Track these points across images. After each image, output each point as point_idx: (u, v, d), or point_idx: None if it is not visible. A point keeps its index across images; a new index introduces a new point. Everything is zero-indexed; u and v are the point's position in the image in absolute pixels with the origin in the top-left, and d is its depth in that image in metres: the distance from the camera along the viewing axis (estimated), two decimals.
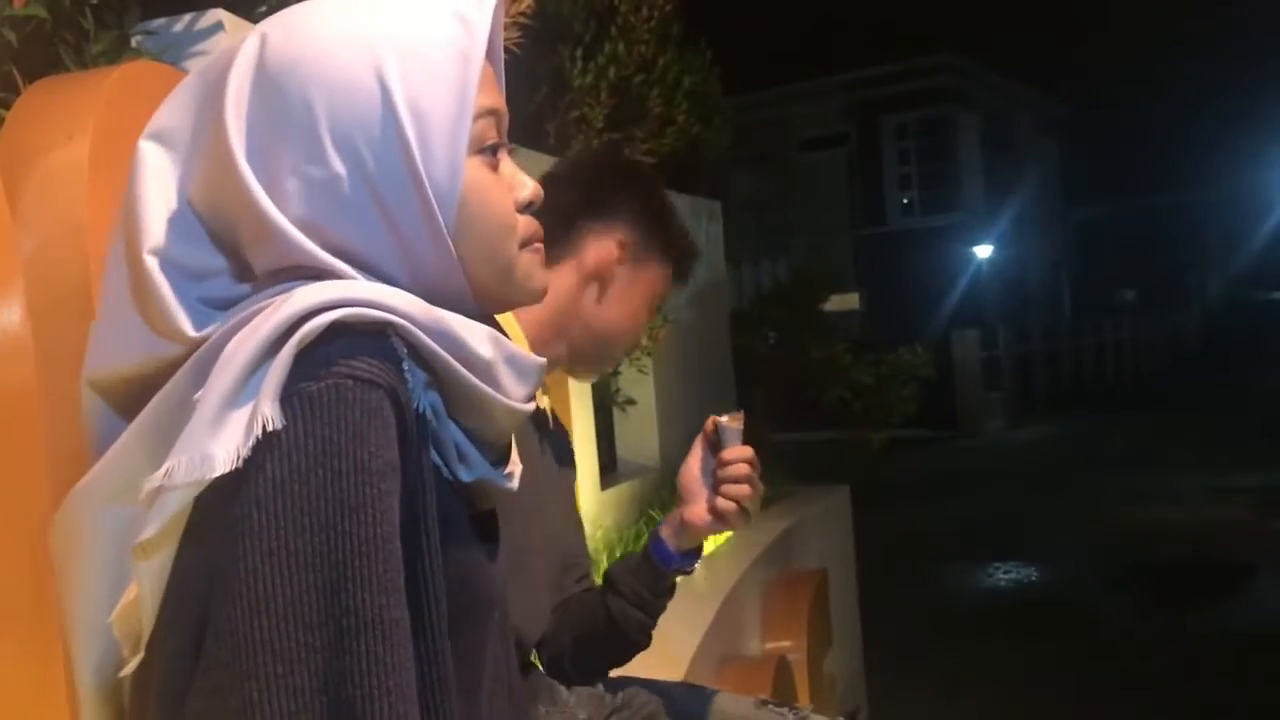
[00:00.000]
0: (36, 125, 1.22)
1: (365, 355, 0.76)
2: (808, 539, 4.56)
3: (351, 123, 0.82)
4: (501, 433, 0.91)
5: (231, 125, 0.83)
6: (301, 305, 0.77)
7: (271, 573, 0.71)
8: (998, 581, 7.50)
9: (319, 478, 0.72)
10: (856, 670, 4.91)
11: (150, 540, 0.78)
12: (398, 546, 0.75)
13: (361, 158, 0.82)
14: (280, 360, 0.75)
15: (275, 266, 0.84)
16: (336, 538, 0.72)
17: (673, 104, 4.78)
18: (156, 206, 0.86)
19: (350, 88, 0.82)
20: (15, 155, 1.20)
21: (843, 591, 4.80)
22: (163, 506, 0.77)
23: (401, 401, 0.77)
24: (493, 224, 0.88)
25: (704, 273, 5.51)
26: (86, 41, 1.70)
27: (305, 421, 0.73)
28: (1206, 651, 5.56)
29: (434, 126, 0.83)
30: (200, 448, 0.75)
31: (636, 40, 4.47)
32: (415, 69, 0.83)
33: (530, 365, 0.90)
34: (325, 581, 0.71)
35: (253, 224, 0.83)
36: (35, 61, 1.64)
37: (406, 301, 0.81)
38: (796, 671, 3.37)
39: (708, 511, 1.56)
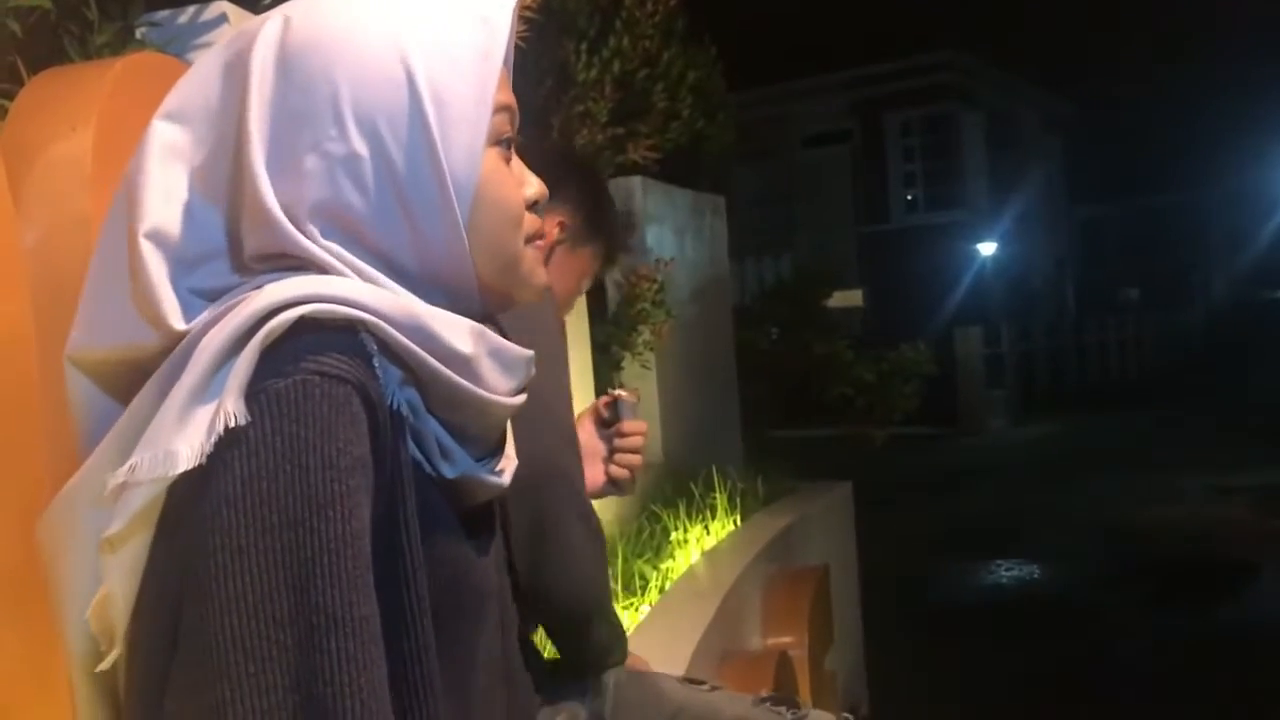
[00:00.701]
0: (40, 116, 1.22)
1: (333, 351, 0.76)
2: (809, 536, 4.57)
3: (374, 104, 0.82)
4: (487, 427, 0.90)
5: (254, 100, 0.82)
6: (269, 301, 0.76)
7: (241, 570, 0.71)
8: (999, 579, 7.50)
9: (286, 474, 0.72)
10: (858, 667, 4.91)
11: (116, 535, 0.78)
12: (366, 544, 0.74)
13: (383, 139, 0.82)
14: (245, 356, 0.74)
15: (262, 252, 0.83)
16: (305, 534, 0.71)
17: (677, 99, 4.78)
18: (159, 186, 0.85)
19: (375, 70, 0.82)
20: (18, 146, 1.20)
21: (844, 588, 4.80)
22: (127, 502, 0.77)
23: (372, 397, 0.77)
24: (504, 216, 0.88)
25: (706, 267, 5.52)
26: (90, 33, 1.70)
27: (272, 418, 0.73)
28: (1208, 650, 5.56)
29: (455, 115, 0.83)
30: (164, 444, 0.74)
31: (641, 35, 4.48)
32: (439, 59, 0.83)
33: (516, 358, 0.89)
34: (294, 578, 0.71)
35: (250, 203, 0.83)
36: (39, 53, 1.64)
37: (378, 297, 0.80)
38: (798, 668, 3.37)
39: (603, 475, 1.69)
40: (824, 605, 3.93)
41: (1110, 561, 7.63)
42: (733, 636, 3.21)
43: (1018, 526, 8.91)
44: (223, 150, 0.85)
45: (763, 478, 4.77)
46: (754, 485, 4.68)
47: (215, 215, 0.85)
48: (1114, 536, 8.33)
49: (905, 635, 5.79)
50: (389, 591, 0.78)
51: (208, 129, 0.86)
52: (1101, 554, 7.88)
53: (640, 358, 4.30)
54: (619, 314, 4.26)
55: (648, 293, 4.23)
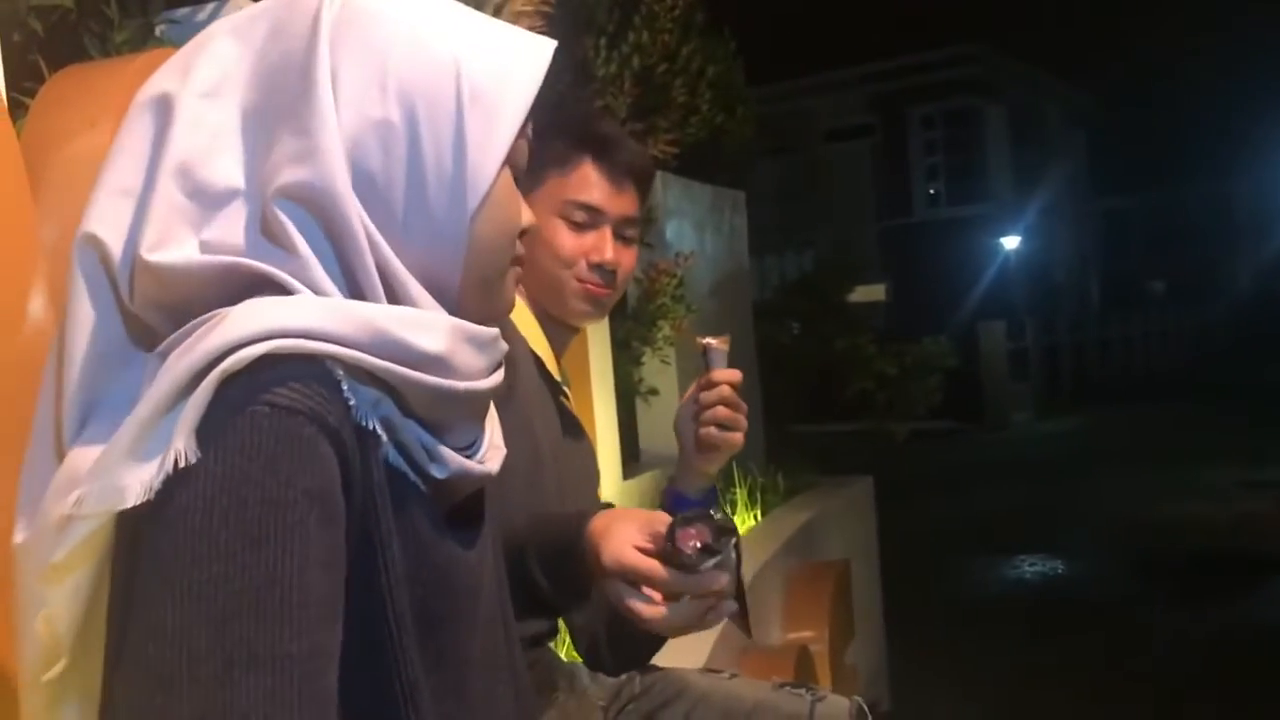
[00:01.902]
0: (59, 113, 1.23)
1: (290, 382, 0.75)
2: (830, 530, 4.56)
3: (417, 80, 0.84)
4: (468, 416, 0.90)
5: (323, 51, 0.83)
6: (233, 335, 0.75)
7: (164, 599, 0.70)
8: (1023, 574, 7.47)
9: (222, 506, 0.71)
10: (879, 662, 4.90)
11: (59, 564, 0.78)
12: (315, 576, 0.73)
13: (417, 118, 0.83)
14: (200, 393, 0.73)
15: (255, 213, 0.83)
16: (234, 568, 0.70)
17: (696, 94, 4.78)
18: (190, 121, 0.84)
19: (425, 52, 0.85)
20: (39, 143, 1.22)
21: (865, 583, 4.80)
22: (71, 532, 0.77)
23: (332, 425, 0.76)
24: (502, 230, 0.90)
25: (727, 263, 5.52)
26: (111, 30, 1.71)
27: (216, 451, 0.72)
28: (1236, 646, 5.52)
29: (487, 119, 0.85)
30: (114, 477, 0.74)
31: (660, 30, 4.47)
32: (486, 65, 0.86)
33: (487, 336, 0.90)
34: (216, 612, 0.70)
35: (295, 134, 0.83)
36: (60, 50, 1.66)
37: (343, 319, 0.79)
38: (818, 662, 3.37)
39: (696, 445, 1.58)
40: (845, 600, 3.93)
41: (1136, 556, 7.58)
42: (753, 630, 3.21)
43: (1041, 521, 8.86)
44: (277, 95, 0.84)
45: (783, 473, 4.77)
46: (774, 480, 4.68)
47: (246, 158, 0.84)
48: (1140, 531, 8.28)
49: (927, 630, 5.78)
50: (368, 610, 0.79)
51: (246, 86, 0.85)
52: (1127, 549, 7.83)
53: (660, 353, 4.30)
54: (639, 309, 4.26)
55: (667, 288, 4.23)
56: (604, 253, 1.60)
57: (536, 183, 1.59)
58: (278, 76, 0.84)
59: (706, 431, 1.56)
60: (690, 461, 1.61)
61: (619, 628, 1.54)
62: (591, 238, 1.60)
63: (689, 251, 4.60)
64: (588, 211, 1.60)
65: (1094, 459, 12.15)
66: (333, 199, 0.81)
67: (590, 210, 1.60)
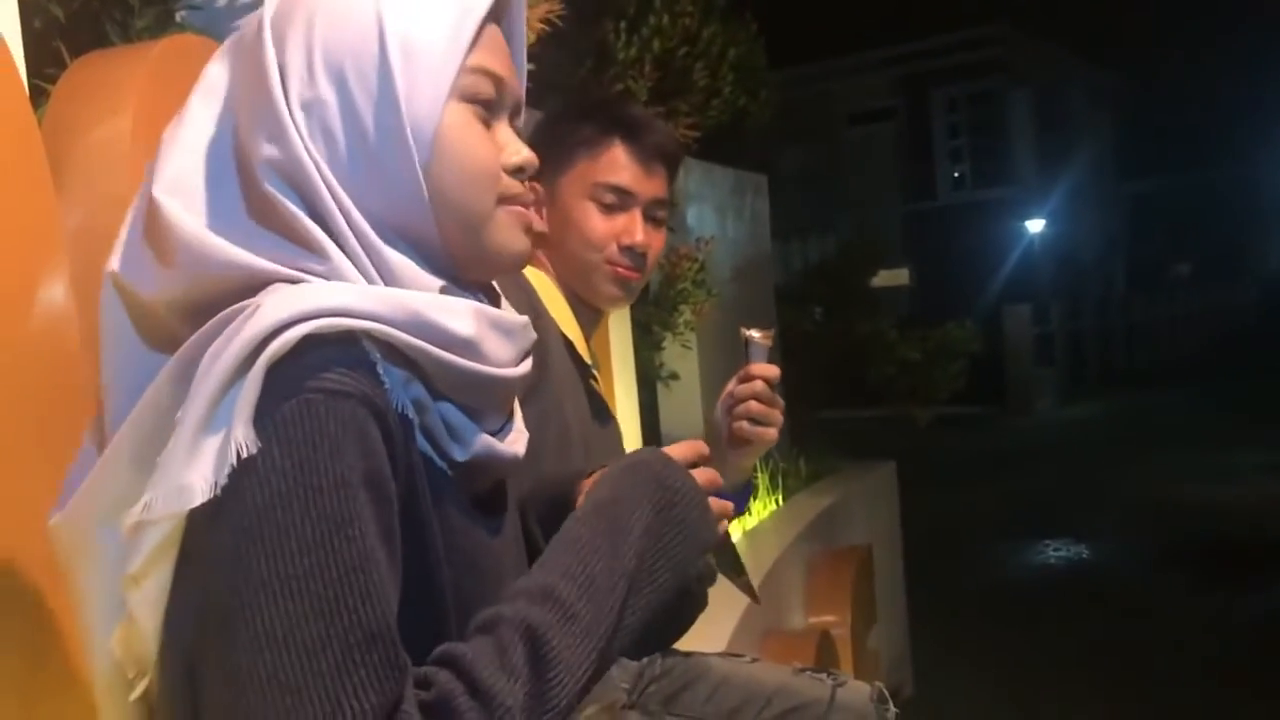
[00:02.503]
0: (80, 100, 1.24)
1: (336, 366, 0.75)
2: (852, 515, 4.55)
3: (342, 49, 0.84)
4: (496, 402, 0.91)
5: (270, 56, 0.84)
6: (271, 320, 0.75)
7: (267, 603, 0.70)
8: (1048, 560, 7.44)
9: (300, 498, 0.72)
10: (901, 647, 4.90)
11: (138, 571, 0.78)
12: (384, 556, 0.75)
13: (348, 84, 0.84)
14: (250, 381, 0.74)
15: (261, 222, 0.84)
16: (326, 556, 0.71)
17: (717, 77, 4.75)
18: (184, 145, 0.87)
19: (347, 17, 0.85)
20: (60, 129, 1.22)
21: (888, 568, 4.79)
22: (145, 539, 0.77)
23: (379, 407, 0.77)
24: (469, 170, 0.88)
25: (748, 247, 5.50)
26: (132, 17, 1.72)
27: (280, 443, 0.73)
28: (1260, 630, 5.48)
29: (421, 63, 0.85)
30: (177, 478, 0.74)
31: (681, 13, 4.45)
32: (411, 10, 0.86)
33: (514, 324, 0.90)
34: (321, 603, 0.71)
35: (245, 172, 0.85)
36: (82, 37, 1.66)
37: (377, 300, 0.80)
38: (840, 646, 3.37)
39: (728, 438, 1.55)
40: (867, 584, 3.92)
41: (1161, 541, 7.54)
42: (774, 615, 3.21)
43: (1066, 506, 8.82)
44: (235, 116, 0.87)
45: (805, 457, 4.76)
46: (796, 465, 4.67)
47: (229, 176, 0.86)
48: (1165, 516, 8.23)
49: (950, 615, 5.76)
50: (421, 591, 0.80)
51: (223, 101, 0.88)
52: (1152, 534, 7.79)
53: (681, 338, 4.29)
54: (660, 294, 4.25)
55: (689, 272, 4.22)
56: (634, 235, 1.60)
57: (566, 165, 1.60)
58: (245, 82, 0.86)
59: (739, 425, 1.54)
60: (724, 456, 1.58)
61: None
62: (622, 220, 1.60)
63: (710, 236, 4.58)
64: (618, 194, 1.60)
65: (1119, 444, 12.07)
66: (297, 169, 0.82)
67: (620, 192, 1.60)
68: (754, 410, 1.54)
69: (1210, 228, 25.48)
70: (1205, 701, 4.64)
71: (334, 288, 0.81)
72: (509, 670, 0.77)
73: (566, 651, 0.80)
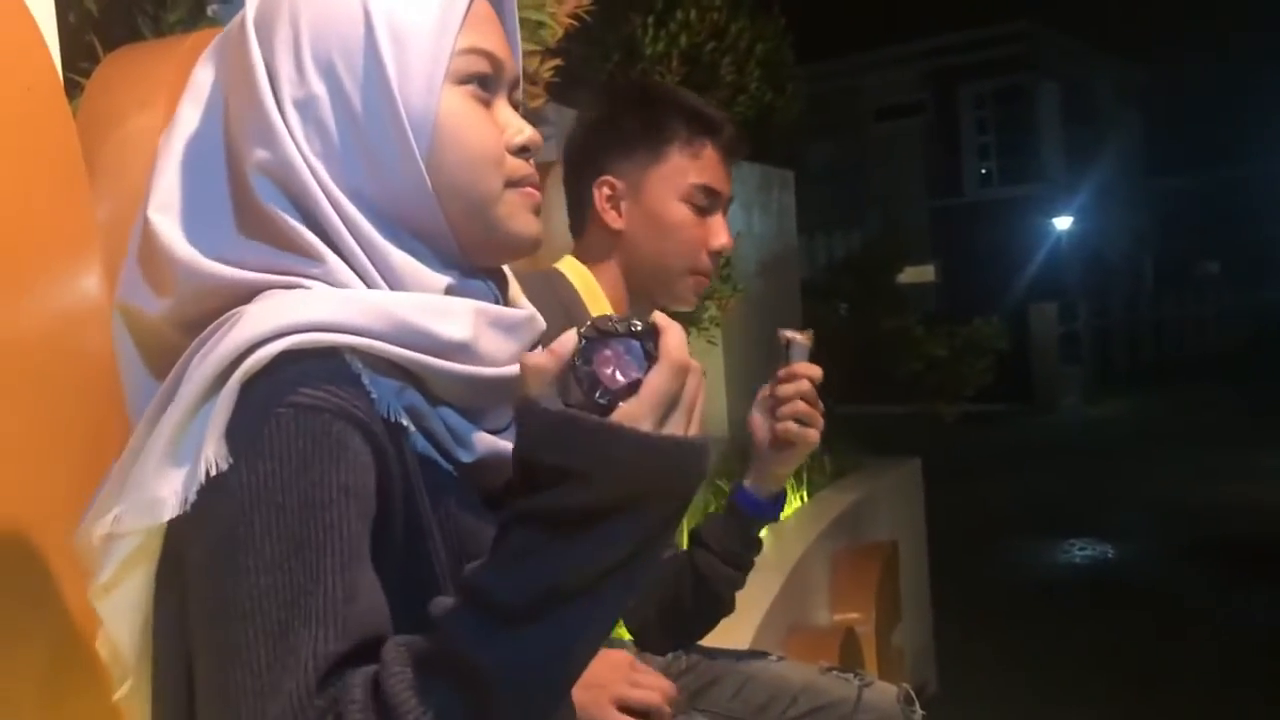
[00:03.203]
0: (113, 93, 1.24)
1: (311, 381, 0.74)
2: (878, 511, 4.54)
3: (332, 42, 0.82)
4: (499, 399, 0.88)
5: (256, 57, 0.83)
6: (246, 336, 0.75)
7: (230, 619, 0.70)
8: (1073, 558, 7.39)
9: (263, 517, 0.71)
10: (926, 645, 4.88)
11: (107, 581, 0.79)
12: (357, 573, 0.73)
13: (339, 78, 0.82)
14: (224, 397, 0.73)
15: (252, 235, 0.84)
16: (284, 575, 0.71)
17: (745, 72, 4.75)
18: (173, 167, 0.86)
19: (332, 8, 0.83)
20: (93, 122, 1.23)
21: (913, 565, 4.77)
22: (115, 550, 0.78)
23: (361, 419, 0.75)
24: (470, 154, 0.86)
25: (775, 242, 5.49)
26: (164, 11, 1.73)
27: (248, 459, 0.72)
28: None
29: (412, 48, 0.83)
30: (149, 490, 0.75)
31: (708, 7, 4.45)
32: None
33: (517, 319, 0.88)
34: (272, 625, 0.70)
35: (236, 181, 0.85)
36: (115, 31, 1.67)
37: (360, 310, 0.78)
38: (864, 643, 3.36)
39: (772, 441, 1.52)
40: (892, 581, 3.91)
41: (1187, 541, 7.47)
42: (799, 611, 3.20)
43: (1092, 504, 8.76)
44: (224, 122, 0.86)
45: (830, 453, 4.74)
46: (821, 461, 4.65)
47: (220, 186, 0.85)
48: (1192, 515, 8.17)
49: (976, 613, 5.73)
50: (423, 600, 0.78)
51: (212, 106, 0.87)
52: (1178, 533, 7.73)
53: (706, 333, 4.28)
54: None
55: None
56: (722, 237, 1.59)
57: (657, 161, 1.57)
58: (233, 87, 0.85)
59: (784, 426, 1.50)
60: (765, 460, 1.56)
61: (669, 609, 1.55)
62: (711, 223, 1.59)
63: (736, 232, 4.56)
64: (710, 195, 1.58)
65: (1146, 442, 11.98)
66: (289, 172, 0.81)
67: (712, 194, 1.58)
68: (800, 410, 1.50)
69: (1240, 225, 25.25)
70: (1231, 701, 4.60)
71: (317, 297, 0.79)
72: (424, 691, 0.69)
73: (504, 664, 0.69)
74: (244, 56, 0.83)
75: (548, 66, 2.54)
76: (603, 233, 1.59)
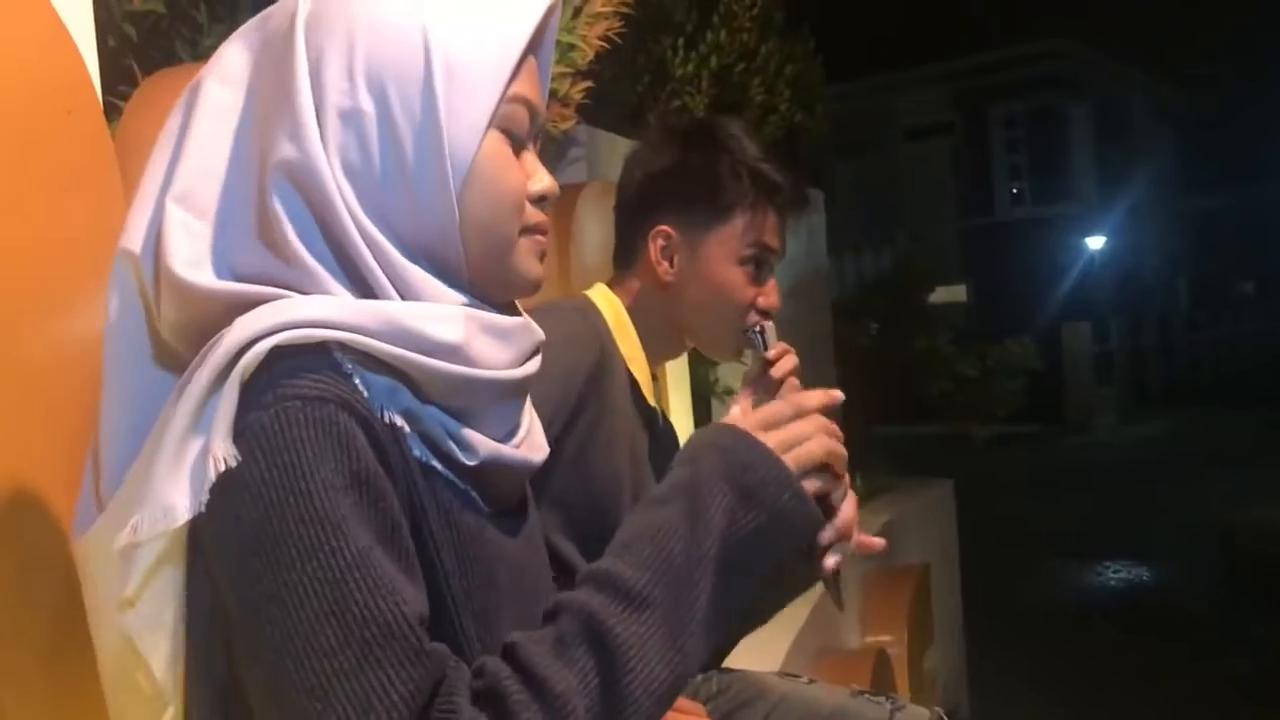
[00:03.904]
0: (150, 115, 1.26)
1: (308, 373, 0.76)
2: (909, 533, 4.51)
3: (385, 62, 0.83)
4: (495, 405, 0.89)
5: (301, 57, 0.83)
6: (241, 335, 0.76)
7: (281, 615, 0.71)
8: (1107, 580, 7.32)
9: (292, 505, 0.72)
10: (958, 668, 4.84)
11: (131, 594, 0.79)
12: (382, 553, 0.74)
13: (388, 98, 0.83)
14: (225, 396, 0.74)
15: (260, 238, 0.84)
16: (326, 556, 0.71)
17: (774, 92, 4.75)
18: (200, 148, 0.86)
19: (392, 31, 0.83)
20: (131, 144, 1.24)
21: (945, 587, 4.73)
22: (136, 562, 0.78)
23: (360, 412, 0.77)
24: (500, 198, 0.88)
25: (805, 262, 5.47)
26: (200, 35, 1.75)
27: (263, 453, 0.73)
28: None
29: (464, 86, 0.84)
30: (161, 498, 0.75)
31: (738, 29, 4.46)
32: (458, 33, 0.84)
33: (510, 326, 0.88)
34: (331, 604, 0.71)
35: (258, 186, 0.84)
36: (152, 55, 1.70)
37: (353, 310, 0.80)
38: (896, 666, 3.33)
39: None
40: (924, 604, 3.88)
41: (1223, 563, 7.38)
42: (830, 634, 3.18)
43: (1126, 527, 8.68)
44: (255, 115, 0.85)
45: (861, 474, 4.72)
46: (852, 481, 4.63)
47: (246, 187, 0.85)
48: (1227, 538, 8.05)
49: (1008, 636, 5.69)
50: (431, 586, 0.79)
51: (245, 95, 0.86)
52: (1214, 556, 7.63)
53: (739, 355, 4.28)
54: None
55: None
56: (772, 298, 1.59)
57: (719, 221, 1.56)
58: (268, 83, 0.85)
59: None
60: None
61: None
62: (764, 285, 1.59)
63: None
64: (766, 254, 1.58)
65: (1180, 463, 11.86)
66: (313, 176, 0.81)
67: (769, 252, 1.58)
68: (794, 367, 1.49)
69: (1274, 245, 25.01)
70: None
71: (309, 300, 0.80)
72: (566, 658, 0.76)
73: (636, 640, 0.77)
74: (288, 51, 0.83)
75: (578, 88, 2.55)
76: (650, 278, 1.58)
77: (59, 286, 1.08)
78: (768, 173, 1.57)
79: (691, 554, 0.81)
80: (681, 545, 0.81)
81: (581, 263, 2.30)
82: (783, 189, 1.58)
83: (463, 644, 0.82)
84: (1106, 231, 20.20)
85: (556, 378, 1.34)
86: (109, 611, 0.83)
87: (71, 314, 1.09)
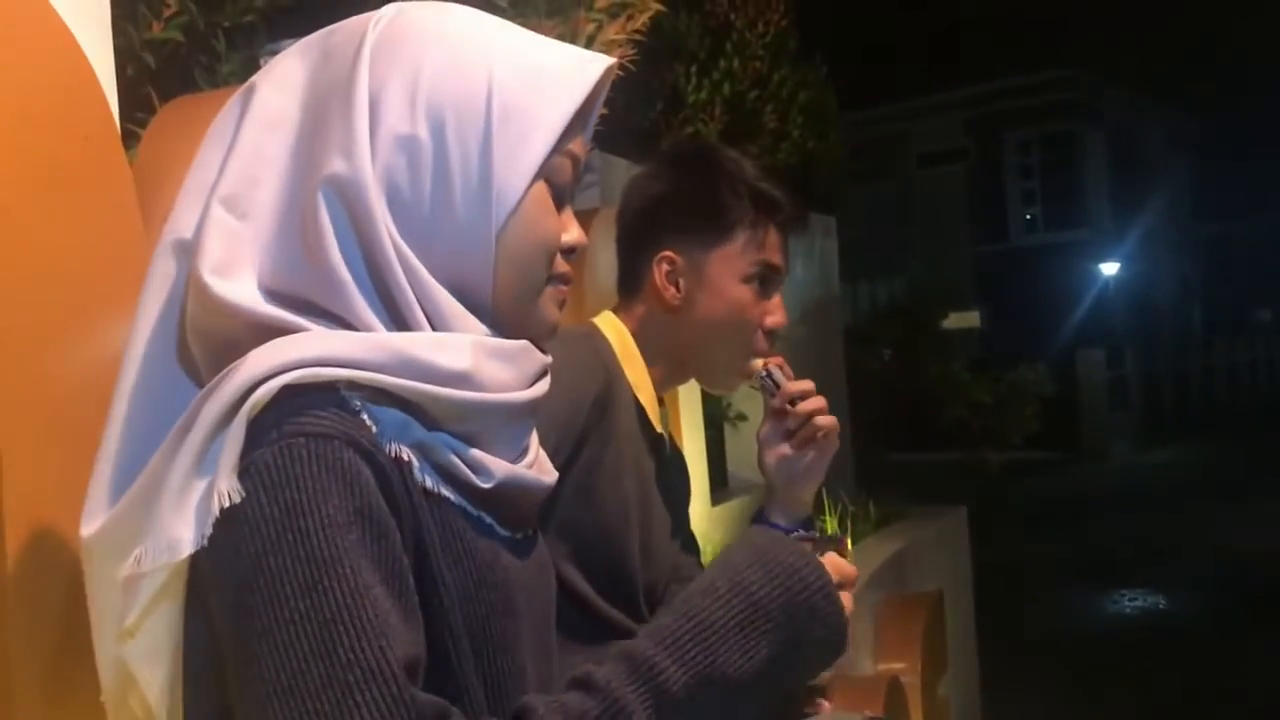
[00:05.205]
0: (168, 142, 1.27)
1: (314, 410, 0.76)
2: (922, 561, 4.48)
3: (447, 95, 0.85)
4: (506, 428, 0.89)
5: (363, 77, 0.84)
6: (252, 372, 0.77)
7: (270, 650, 0.71)
8: (1122, 609, 7.26)
9: (290, 542, 0.72)
10: (972, 696, 4.80)
11: (131, 625, 0.80)
12: (382, 592, 0.75)
13: (445, 135, 0.84)
14: (233, 433, 0.75)
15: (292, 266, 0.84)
16: (319, 597, 0.72)
17: (787, 119, 4.78)
18: (247, 157, 0.86)
19: (460, 67, 0.85)
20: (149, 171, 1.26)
21: (959, 615, 4.70)
22: (138, 592, 0.79)
23: (366, 448, 0.77)
24: (536, 243, 0.90)
25: (817, 288, 5.48)
26: (218, 63, 1.77)
27: (266, 490, 0.74)
28: None
29: (519, 135, 0.86)
30: (166, 531, 0.76)
31: (751, 56, 4.49)
32: (522, 79, 0.86)
33: (515, 349, 0.89)
34: (319, 644, 0.71)
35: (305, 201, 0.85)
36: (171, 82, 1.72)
37: (359, 345, 0.80)
38: (910, 694, 3.31)
39: (788, 472, 1.55)
40: (938, 631, 3.85)
41: (1240, 592, 7.32)
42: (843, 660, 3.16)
43: (1143, 554, 8.62)
44: (308, 127, 0.86)
45: (874, 501, 4.71)
46: (865, 508, 4.61)
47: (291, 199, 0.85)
48: (1244, 566, 8.01)
49: (1023, 665, 5.64)
50: (432, 630, 0.80)
51: (300, 106, 0.87)
52: (1232, 583, 7.57)
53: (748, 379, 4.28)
54: None
55: None
56: (778, 315, 1.59)
57: (721, 241, 1.56)
58: (326, 99, 0.86)
59: (803, 428, 1.53)
60: (786, 490, 1.57)
61: None
62: (769, 303, 1.59)
63: None
64: (771, 272, 1.58)
65: (1196, 491, 11.77)
66: (360, 192, 0.82)
67: (774, 270, 1.58)
68: (824, 425, 1.53)
69: None
70: None
71: (313, 336, 0.81)
72: None
73: None
74: (353, 70, 0.85)
75: None
76: (656, 304, 1.58)
77: (77, 310, 1.09)
78: (767, 190, 1.58)
79: (743, 672, 0.86)
80: (733, 658, 0.86)
81: (595, 287, 2.31)
82: (783, 206, 1.58)
83: (462, 673, 0.82)
84: (1120, 257, 20.15)
85: (562, 405, 1.34)
86: (109, 638, 0.84)
87: (90, 338, 1.10)
